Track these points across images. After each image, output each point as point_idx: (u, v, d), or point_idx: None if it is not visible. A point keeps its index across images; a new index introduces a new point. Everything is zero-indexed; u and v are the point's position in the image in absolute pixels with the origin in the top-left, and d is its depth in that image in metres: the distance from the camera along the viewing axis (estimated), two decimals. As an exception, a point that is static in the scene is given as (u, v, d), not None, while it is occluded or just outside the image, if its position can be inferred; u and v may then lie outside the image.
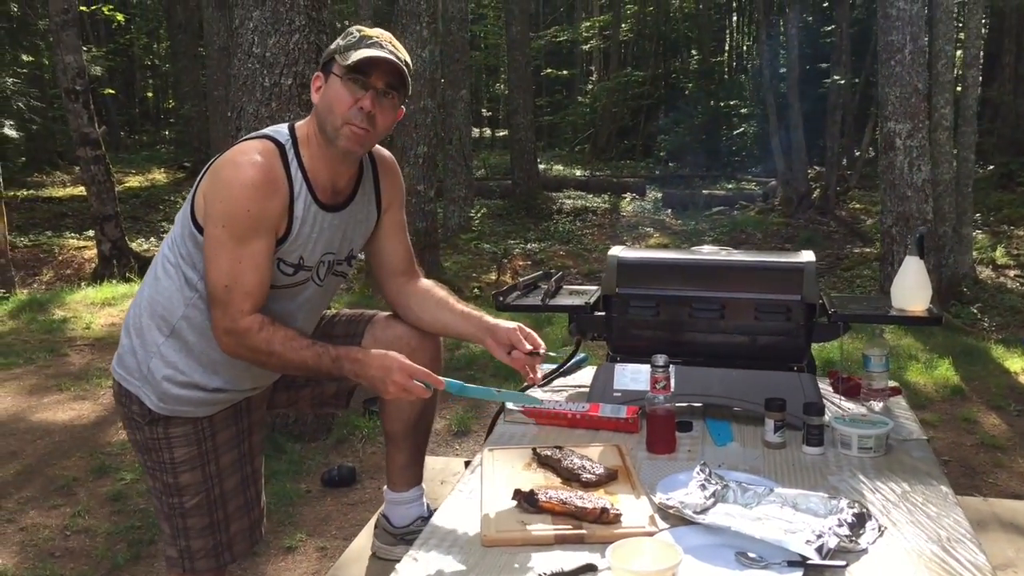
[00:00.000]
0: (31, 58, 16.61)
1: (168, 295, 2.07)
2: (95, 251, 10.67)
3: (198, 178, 2.06)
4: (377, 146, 2.24)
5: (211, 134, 14.81)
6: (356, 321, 2.38)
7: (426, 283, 2.38)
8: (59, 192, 16.28)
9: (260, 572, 3.30)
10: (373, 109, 1.99)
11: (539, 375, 2.27)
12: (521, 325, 2.24)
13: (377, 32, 2.06)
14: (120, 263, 9.97)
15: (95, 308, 7.85)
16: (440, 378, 2.01)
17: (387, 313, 2.40)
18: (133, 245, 10.88)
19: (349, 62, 1.97)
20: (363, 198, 2.21)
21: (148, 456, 2.16)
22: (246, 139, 2.06)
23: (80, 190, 14.19)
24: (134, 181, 17.81)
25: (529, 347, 2.19)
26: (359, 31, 2.04)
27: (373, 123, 2.01)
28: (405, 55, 2.07)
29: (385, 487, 2.52)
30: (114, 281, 9.32)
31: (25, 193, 15.57)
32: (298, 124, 2.11)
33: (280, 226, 2.01)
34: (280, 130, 2.07)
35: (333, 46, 2.05)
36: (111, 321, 7.27)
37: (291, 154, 2.03)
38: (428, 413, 2.47)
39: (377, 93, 2.00)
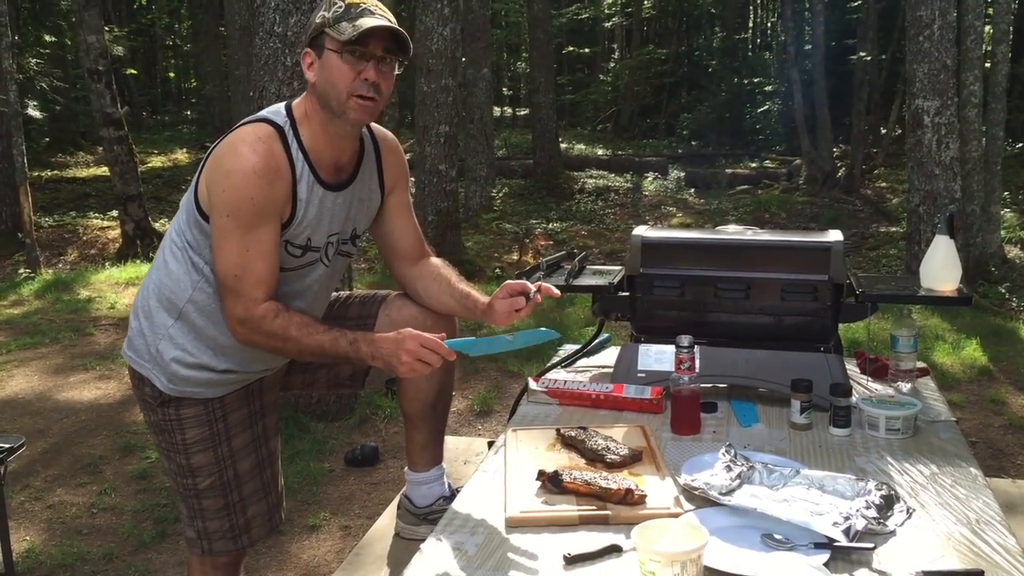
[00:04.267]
0: (54, 38, 16.67)
1: (175, 278, 2.07)
2: (119, 231, 10.73)
3: (201, 164, 2.05)
4: (378, 126, 2.24)
5: (233, 114, 14.83)
6: (369, 302, 2.37)
7: (434, 263, 2.35)
8: (82, 172, 16.38)
9: (284, 550, 3.32)
10: (377, 78, 1.97)
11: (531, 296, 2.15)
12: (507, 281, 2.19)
13: None
14: (143, 243, 10.03)
15: (119, 288, 7.92)
16: (446, 347, 1.96)
17: (400, 293, 2.39)
18: (156, 225, 10.90)
19: (344, 37, 1.93)
20: (365, 176, 2.19)
21: (162, 437, 2.17)
22: (244, 123, 2.03)
23: (103, 170, 14.27)
24: (157, 161, 17.90)
25: (520, 288, 2.13)
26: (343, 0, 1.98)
27: (378, 90, 1.99)
28: (390, 15, 2.02)
29: (406, 468, 2.52)
30: (138, 261, 9.39)
31: (49, 174, 15.68)
32: (295, 103, 2.08)
33: (285, 210, 2.00)
34: (277, 111, 2.05)
35: (318, 19, 1.99)
36: (135, 301, 7.32)
37: (291, 135, 2.01)
38: (446, 392, 2.46)
39: (377, 60, 1.98)
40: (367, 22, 1.94)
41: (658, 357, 2.52)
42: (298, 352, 2.08)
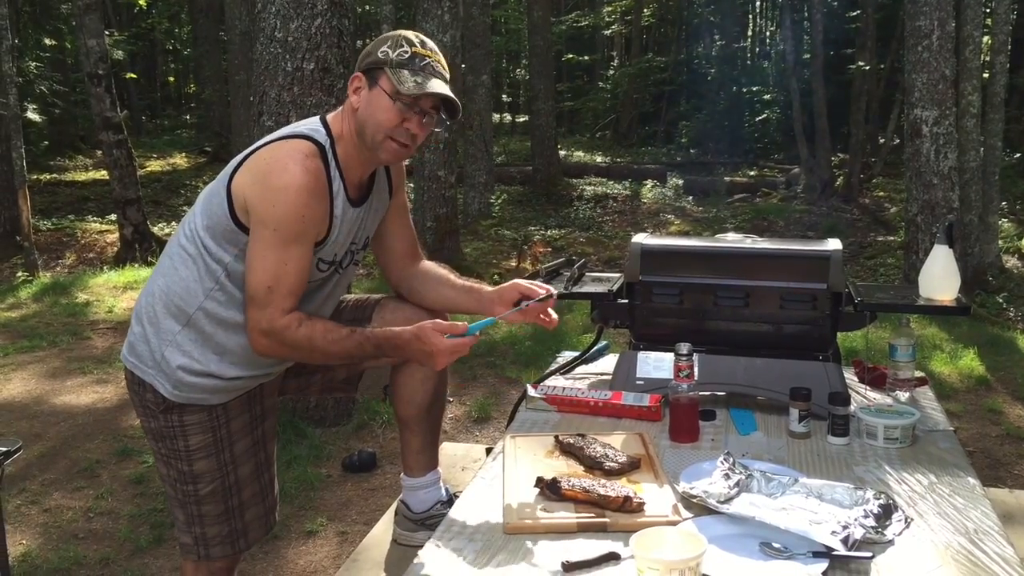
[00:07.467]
0: (54, 42, 16.64)
1: (186, 285, 2.07)
2: (117, 235, 10.72)
3: (229, 171, 2.04)
4: None
5: (232, 119, 14.82)
6: (363, 306, 2.38)
7: (427, 263, 2.41)
8: (81, 176, 16.37)
9: (281, 556, 3.32)
10: (418, 129, 2.02)
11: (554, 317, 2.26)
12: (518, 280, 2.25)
13: (428, 49, 2.04)
14: (142, 247, 10.02)
15: (117, 291, 7.92)
16: (463, 325, 2.05)
17: (393, 295, 2.41)
18: (155, 229, 10.90)
19: (403, 90, 1.97)
20: (379, 187, 2.22)
21: (162, 444, 2.15)
22: (287, 137, 2.03)
23: (102, 174, 14.27)
24: (155, 165, 17.88)
25: (542, 292, 2.19)
26: (410, 45, 2.02)
27: (414, 139, 2.04)
28: (446, 68, 2.07)
29: (402, 474, 2.52)
30: (136, 265, 9.39)
31: (48, 177, 15.66)
32: (331, 118, 2.09)
33: (322, 228, 2.03)
34: (317, 128, 2.05)
35: (380, 53, 2.02)
36: (133, 305, 7.31)
37: (330, 155, 2.03)
38: (440, 396, 2.46)
39: (424, 114, 2.02)
40: (429, 85, 1.99)
41: (657, 364, 2.52)
42: (324, 359, 2.12)
